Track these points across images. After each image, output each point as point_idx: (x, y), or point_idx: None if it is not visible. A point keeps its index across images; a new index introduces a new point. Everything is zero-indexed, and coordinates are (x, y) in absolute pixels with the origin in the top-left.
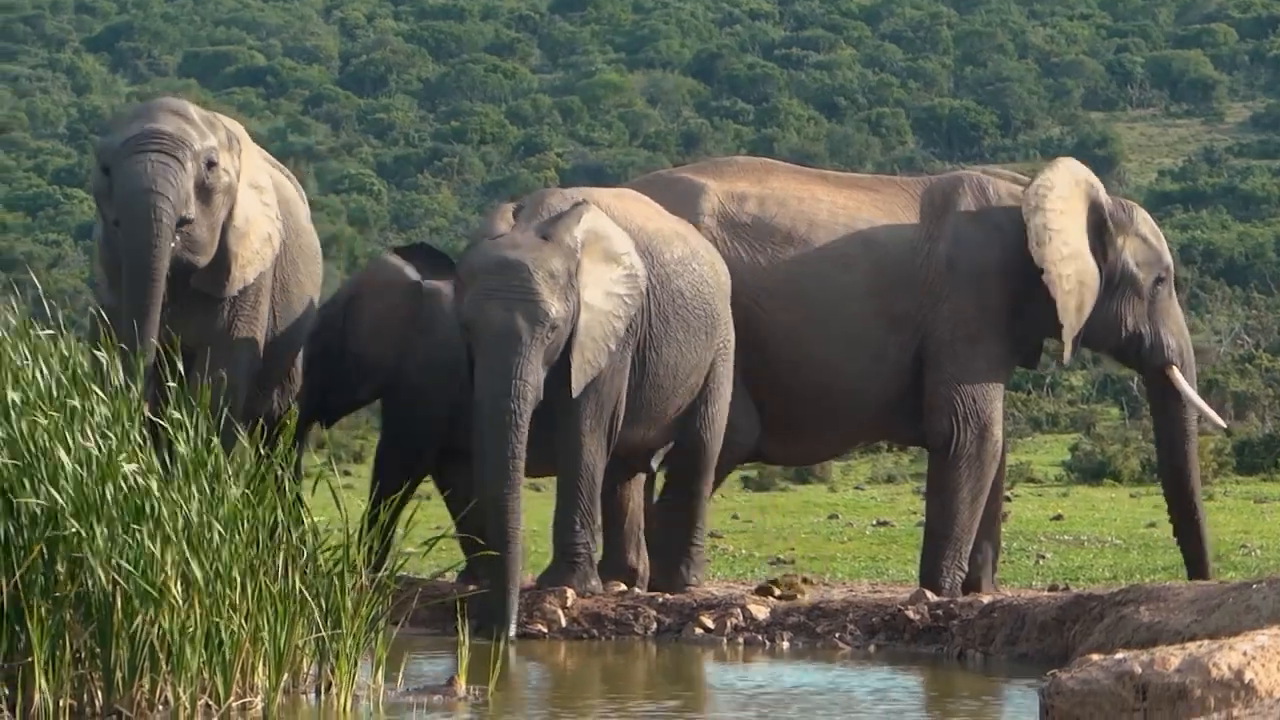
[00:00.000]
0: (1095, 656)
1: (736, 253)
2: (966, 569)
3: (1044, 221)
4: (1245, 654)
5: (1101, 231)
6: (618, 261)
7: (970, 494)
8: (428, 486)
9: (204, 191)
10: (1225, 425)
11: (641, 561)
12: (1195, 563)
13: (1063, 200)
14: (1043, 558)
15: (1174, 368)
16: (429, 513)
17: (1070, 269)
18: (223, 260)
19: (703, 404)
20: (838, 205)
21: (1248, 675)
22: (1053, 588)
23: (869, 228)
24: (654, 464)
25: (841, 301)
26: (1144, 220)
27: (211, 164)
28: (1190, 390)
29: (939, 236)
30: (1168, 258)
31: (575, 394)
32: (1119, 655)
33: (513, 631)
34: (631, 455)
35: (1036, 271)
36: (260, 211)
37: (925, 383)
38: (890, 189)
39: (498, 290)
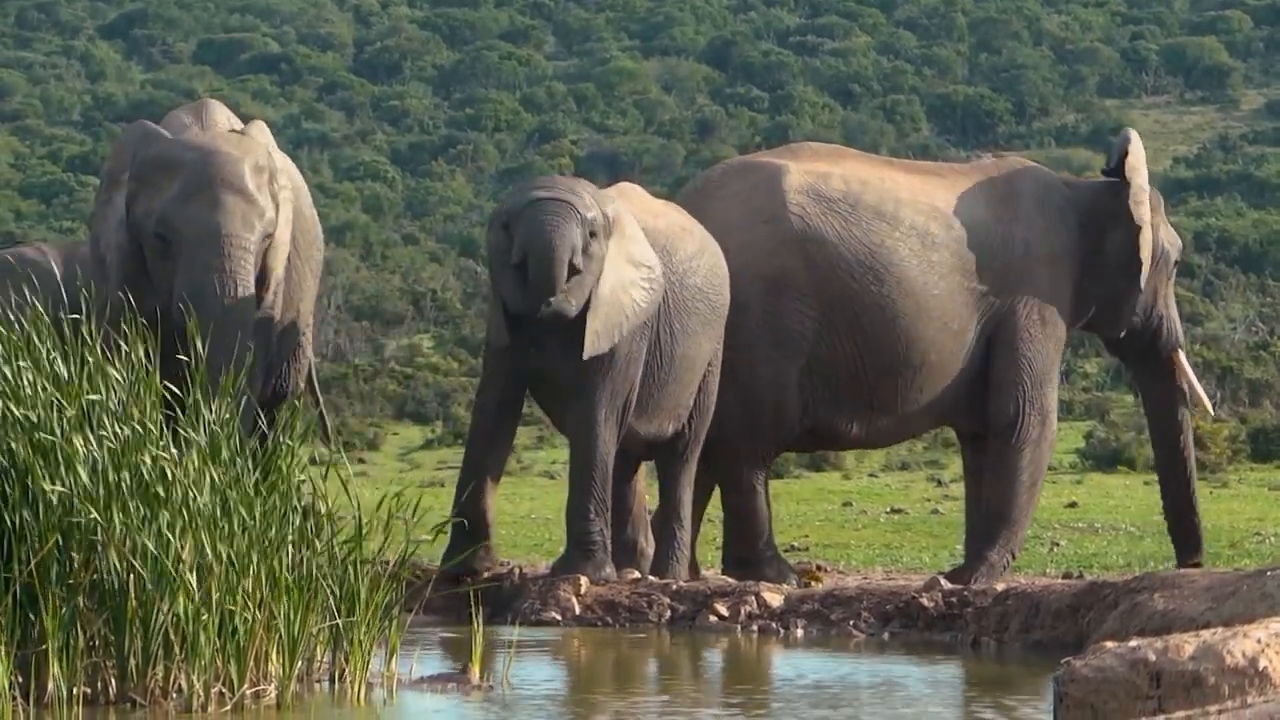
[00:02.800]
0: (1109, 644)
1: (831, 226)
2: (1017, 554)
3: (1141, 182)
4: (1260, 642)
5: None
6: (635, 268)
7: (1030, 478)
8: (441, 473)
9: (263, 241)
10: (1213, 412)
11: (650, 545)
12: (1193, 548)
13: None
14: (1057, 545)
15: (1180, 351)
16: (441, 499)
17: (1148, 235)
18: (262, 268)
19: (699, 394)
20: (915, 186)
21: (1262, 663)
22: (1067, 575)
23: (948, 208)
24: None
25: (930, 278)
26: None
27: (268, 236)
28: (1192, 374)
29: (1013, 221)
30: (1180, 243)
31: (585, 356)
32: (1133, 643)
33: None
34: (640, 447)
35: (1093, 258)
36: (281, 197)
37: (994, 365)
38: (953, 174)
39: (542, 192)
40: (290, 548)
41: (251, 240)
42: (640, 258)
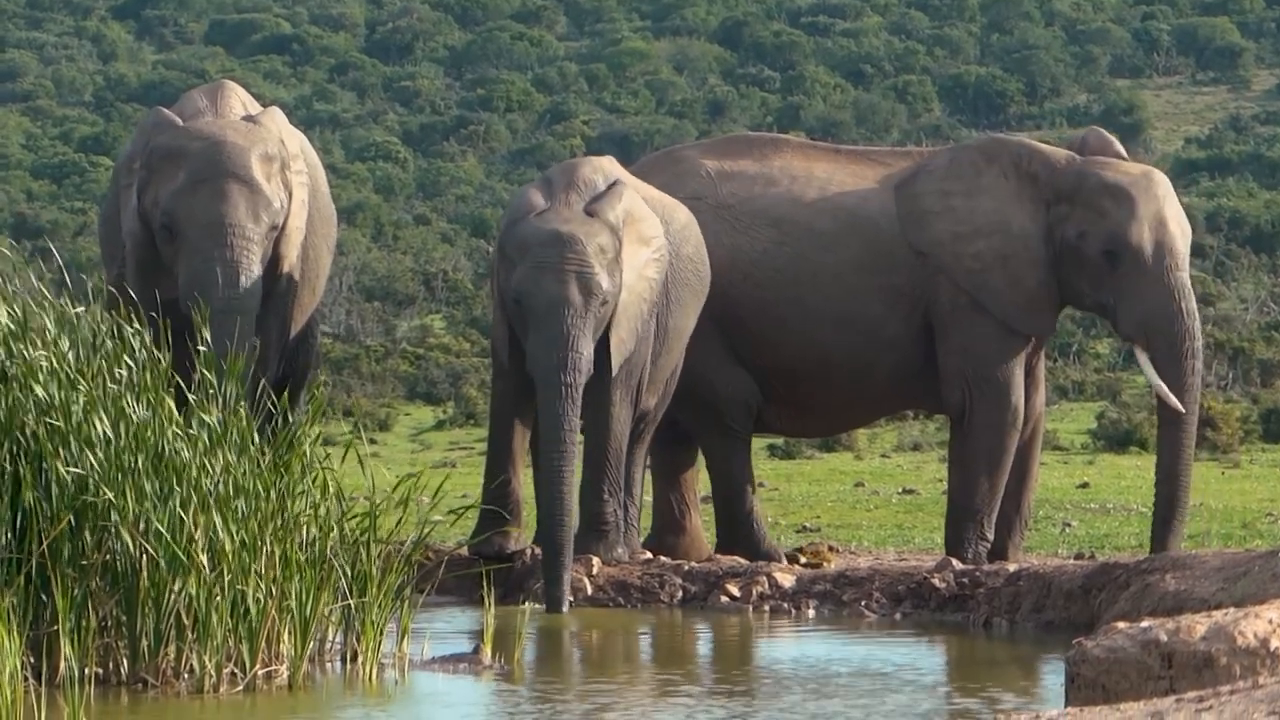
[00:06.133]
0: (1121, 625)
1: (715, 234)
2: (990, 538)
3: None
4: (1271, 622)
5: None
6: (648, 244)
7: (989, 464)
8: (453, 453)
9: (269, 232)
10: (1181, 409)
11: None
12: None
13: None
14: (1069, 525)
15: (1137, 344)
16: (456, 481)
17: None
18: (275, 254)
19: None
20: (832, 183)
21: (1273, 643)
22: (1079, 556)
23: (859, 204)
24: None
25: (822, 280)
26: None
27: (273, 227)
28: (1149, 369)
29: None
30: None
31: (614, 372)
32: (1145, 623)
33: (565, 607)
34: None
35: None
36: (295, 182)
37: (937, 353)
38: (904, 162)
39: (552, 263)
40: (303, 528)
41: (256, 231)
42: (648, 232)
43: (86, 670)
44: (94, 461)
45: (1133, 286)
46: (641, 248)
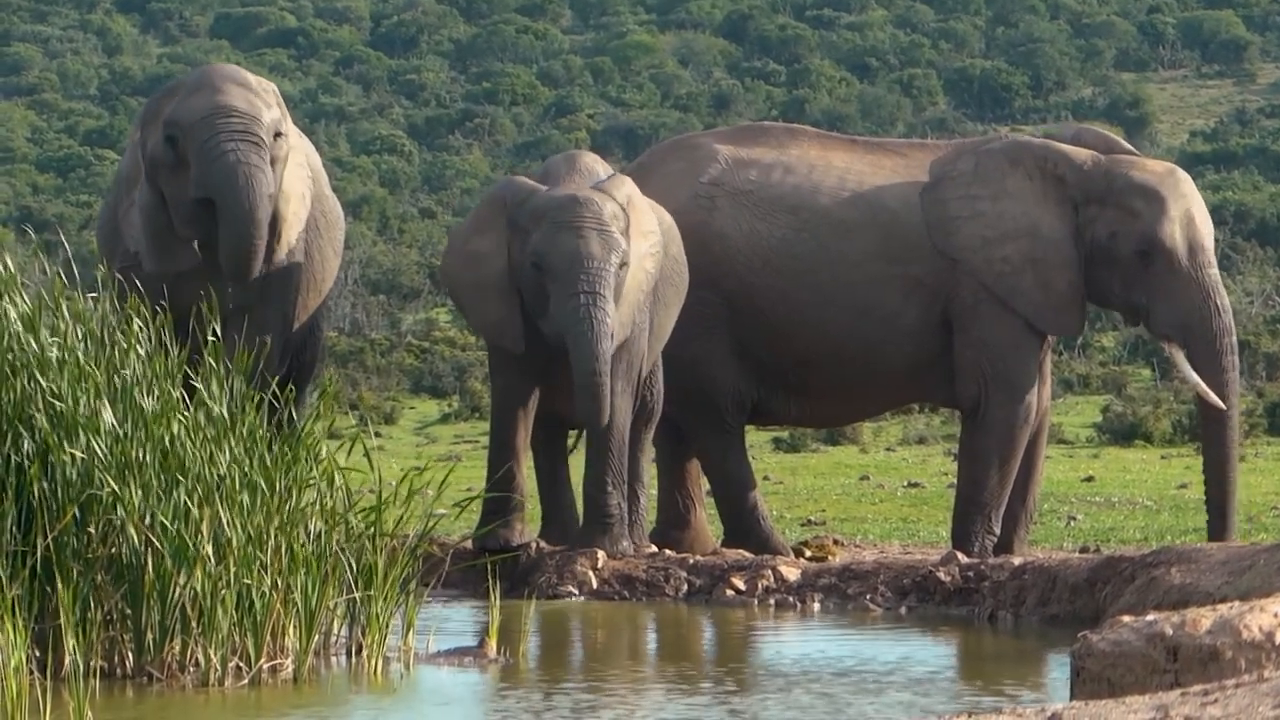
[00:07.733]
0: (1126, 618)
1: (733, 219)
2: (997, 533)
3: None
4: (1277, 616)
5: None
6: (646, 237)
7: (999, 459)
8: (457, 447)
9: (272, 162)
10: (1223, 405)
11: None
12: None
13: None
14: (1074, 519)
15: (1173, 343)
16: (460, 474)
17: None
18: (272, 225)
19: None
20: (850, 172)
21: (1279, 637)
22: (1084, 549)
23: (879, 194)
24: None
25: (840, 268)
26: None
27: (279, 134)
28: (1186, 368)
29: None
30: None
31: (613, 350)
32: (1150, 617)
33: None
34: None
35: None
36: (294, 172)
37: (954, 346)
38: (920, 153)
39: (570, 222)
40: (308, 522)
41: (260, 121)
42: (647, 226)
43: (91, 664)
44: (99, 453)
45: (1167, 286)
46: (641, 239)
